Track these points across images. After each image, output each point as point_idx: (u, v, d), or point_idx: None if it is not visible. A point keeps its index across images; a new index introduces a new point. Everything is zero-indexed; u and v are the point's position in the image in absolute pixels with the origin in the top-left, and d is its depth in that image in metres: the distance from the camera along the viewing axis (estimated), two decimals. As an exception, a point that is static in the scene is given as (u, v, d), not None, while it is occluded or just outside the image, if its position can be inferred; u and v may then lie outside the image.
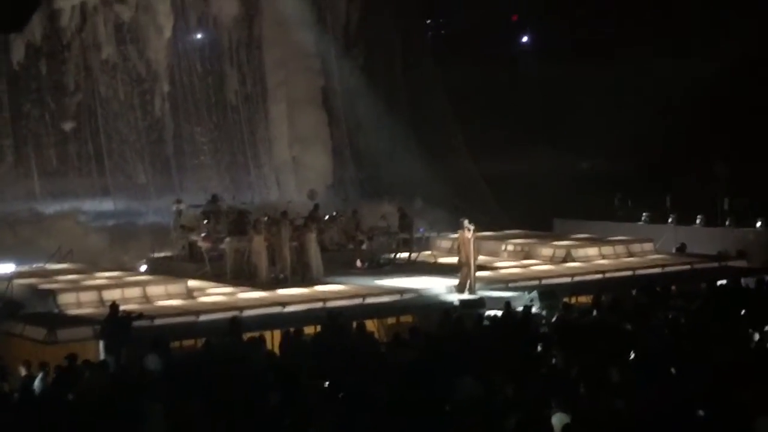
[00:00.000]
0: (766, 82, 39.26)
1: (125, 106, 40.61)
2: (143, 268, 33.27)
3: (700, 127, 40.03)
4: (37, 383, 18.98)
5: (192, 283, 28.64)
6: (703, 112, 40.12)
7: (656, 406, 14.91)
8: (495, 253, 34.33)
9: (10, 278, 28.16)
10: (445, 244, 34.88)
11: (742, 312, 23.00)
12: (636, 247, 34.45)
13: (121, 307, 23.38)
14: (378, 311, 26.09)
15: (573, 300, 26.63)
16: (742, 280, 28.45)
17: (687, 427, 13.68)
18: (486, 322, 23.48)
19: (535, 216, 40.80)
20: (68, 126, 39.63)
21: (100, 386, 18.10)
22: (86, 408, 16.44)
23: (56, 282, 28.81)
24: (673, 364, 17.78)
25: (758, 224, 36.12)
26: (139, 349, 20.93)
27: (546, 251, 33.81)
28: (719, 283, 28.34)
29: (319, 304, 26.17)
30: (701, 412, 14.64)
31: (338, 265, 31.76)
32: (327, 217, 34.08)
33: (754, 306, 23.54)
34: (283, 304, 26.28)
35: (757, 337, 20.40)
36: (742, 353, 18.97)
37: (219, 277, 30.22)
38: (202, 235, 31.68)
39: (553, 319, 23.65)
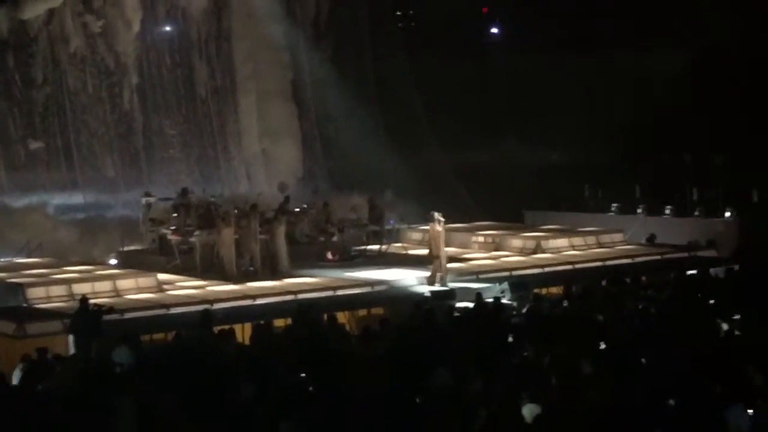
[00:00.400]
0: (735, 72, 39.43)
1: (94, 99, 40.35)
2: (113, 261, 33.17)
3: (669, 117, 40.15)
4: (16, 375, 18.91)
5: (162, 276, 28.57)
6: (673, 103, 40.24)
7: (627, 396, 14.96)
8: (465, 245, 34.39)
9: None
10: (415, 236, 34.89)
11: (712, 302, 23.14)
12: (606, 238, 34.57)
13: (91, 301, 23.28)
14: (349, 303, 26.09)
15: (544, 291, 26.69)
16: (712, 270, 28.60)
17: (658, 417, 13.72)
18: (457, 314, 23.51)
19: (506, 207, 40.87)
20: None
21: (70, 380, 18.04)
22: (57, 402, 16.35)
23: (25, 276, 28.64)
24: (643, 354, 17.85)
25: (727, 214, 36.31)
26: (109, 342, 20.85)
27: (516, 242, 33.89)
28: (689, 273, 28.52)
29: (290, 297, 26.14)
30: (672, 402, 14.70)
31: (309, 258, 31.74)
32: (297, 209, 34.05)
33: (723, 295, 23.69)
34: (254, 296, 26.23)
35: (725, 326, 20.53)
36: (712, 343, 19.08)
37: (189, 271, 30.17)
38: (172, 228, 31.59)
39: (524, 310, 23.70)
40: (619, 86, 42.16)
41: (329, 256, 32.30)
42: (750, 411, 14.50)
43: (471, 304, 24.24)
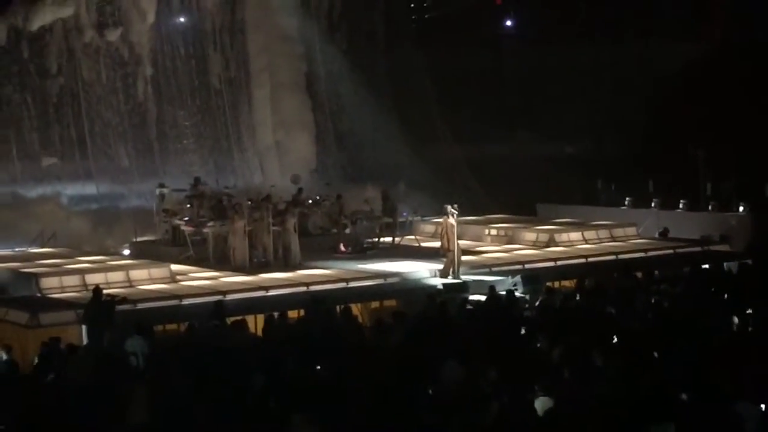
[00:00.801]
0: (749, 65, 39.30)
1: (108, 89, 40.46)
2: (126, 251, 33.25)
3: (684, 111, 40.06)
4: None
5: (175, 267, 28.62)
6: (688, 96, 40.15)
7: (639, 389, 14.96)
8: (478, 238, 34.38)
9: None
10: (428, 228, 34.91)
11: (725, 296, 23.11)
12: (619, 232, 34.51)
13: (105, 291, 23.35)
14: (361, 295, 26.11)
15: (556, 284, 26.66)
16: (725, 265, 28.55)
17: (669, 411, 13.71)
18: (470, 307, 23.50)
19: (519, 200, 40.86)
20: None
21: (83, 369, 18.10)
22: (70, 391, 16.40)
23: (39, 266, 28.74)
24: (655, 347, 17.85)
25: (741, 209, 36.23)
26: (122, 332, 20.91)
27: (529, 236, 33.87)
28: (702, 267, 28.47)
29: (303, 288, 26.19)
30: (684, 396, 14.70)
31: (322, 250, 31.77)
32: (310, 201, 34.07)
33: (735, 290, 23.65)
34: (267, 288, 26.28)
35: (737, 320, 20.51)
36: (724, 337, 19.06)
37: (202, 262, 30.22)
38: (185, 219, 31.65)
39: (537, 303, 23.70)
40: (634, 79, 42.06)
41: (342, 248, 32.33)
42: (762, 406, 14.51)
43: (483, 297, 24.23)
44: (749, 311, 20.97)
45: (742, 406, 14.05)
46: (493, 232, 34.88)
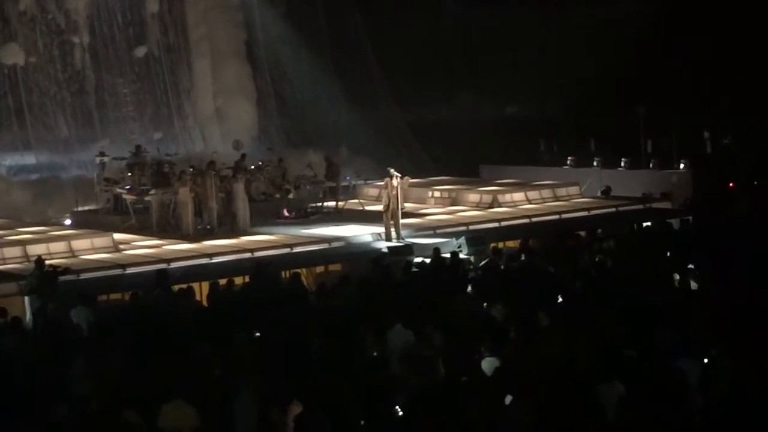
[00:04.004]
0: (691, 24, 39.44)
1: (45, 58, 39.92)
2: (68, 221, 32.95)
3: (624, 69, 40.20)
4: None
5: (118, 236, 28.41)
6: (627, 54, 40.29)
7: (585, 349, 15.07)
8: (422, 200, 34.43)
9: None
10: (372, 191, 34.89)
11: (666, 253, 23.32)
12: (562, 191, 34.72)
13: (47, 262, 23.14)
14: (306, 260, 26.08)
15: (501, 245, 26.76)
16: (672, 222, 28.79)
17: (614, 368, 13.83)
18: (415, 269, 23.55)
19: (462, 162, 40.92)
20: None
21: (27, 342, 17.99)
22: (14, 364, 16.28)
23: (-21, 238, 28.43)
24: (599, 306, 17.98)
25: (681, 166, 36.54)
26: (65, 303, 20.76)
27: (473, 197, 33.96)
28: (644, 224, 28.71)
29: (247, 255, 26.10)
30: (628, 353, 14.82)
31: (265, 215, 31.67)
32: (253, 167, 33.93)
33: (677, 246, 23.87)
34: (211, 255, 26.16)
35: (678, 277, 20.70)
36: (666, 293, 19.24)
37: (145, 230, 30.03)
38: (127, 187, 31.41)
39: (482, 265, 23.79)
40: (574, 39, 42.12)
41: (285, 213, 32.23)
42: (705, 361, 14.67)
43: (429, 260, 24.29)
44: (690, 267, 21.18)
45: (684, 362, 14.21)
46: (437, 194, 34.96)
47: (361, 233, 28.81)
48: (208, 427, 13.35)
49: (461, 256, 24.97)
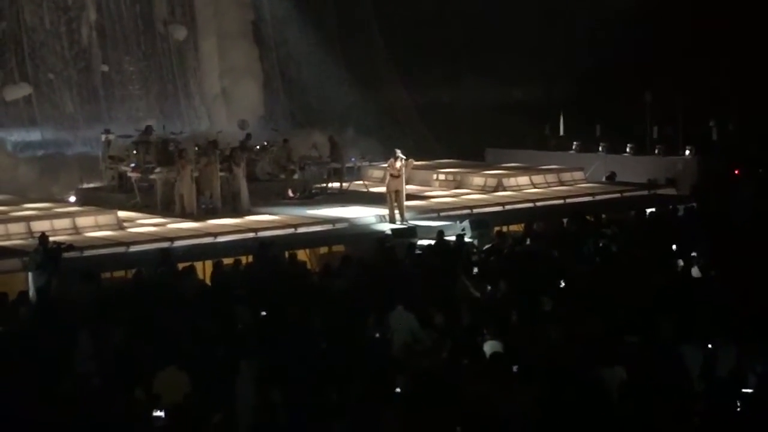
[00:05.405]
0: (699, 9, 39.33)
1: (51, 34, 39.86)
2: (72, 199, 32.96)
3: (631, 55, 40.13)
4: None
5: (122, 213, 28.41)
6: (634, 41, 40.20)
7: (588, 333, 15.08)
8: (426, 183, 34.40)
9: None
10: (376, 173, 34.86)
11: (670, 239, 23.31)
12: (567, 176, 34.69)
13: (51, 239, 23.14)
14: (310, 241, 26.10)
15: (505, 229, 26.77)
16: (677, 208, 28.78)
17: (616, 353, 13.84)
18: (418, 251, 23.55)
19: (467, 145, 40.86)
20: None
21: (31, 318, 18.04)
22: (17, 340, 16.31)
23: (-17, 213, 28.45)
24: (602, 291, 17.99)
25: (687, 152, 36.49)
26: (68, 280, 20.78)
27: (477, 180, 33.93)
28: (649, 210, 28.70)
29: (251, 235, 26.11)
30: (630, 339, 14.84)
31: (270, 195, 31.66)
32: (258, 147, 33.91)
33: (681, 233, 23.86)
34: (215, 234, 26.17)
35: (681, 263, 20.71)
36: (669, 279, 19.25)
37: (149, 208, 30.03)
38: (132, 165, 31.41)
39: (485, 248, 23.79)
40: (581, 24, 42.02)
41: (290, 193, 32.22)
42: (709, 345, 14.68)
43: (432, 242, 24.29)
44: (693, 254, 21.18)
45: (686, 349, 14.22)
46: (442, 177, 34.94)
47: (365, 215, 28.81)
48: (209, 405, 13.37)
49: (465, 239, 24.94)
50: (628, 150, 37.96)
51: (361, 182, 34.59)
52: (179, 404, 12.82)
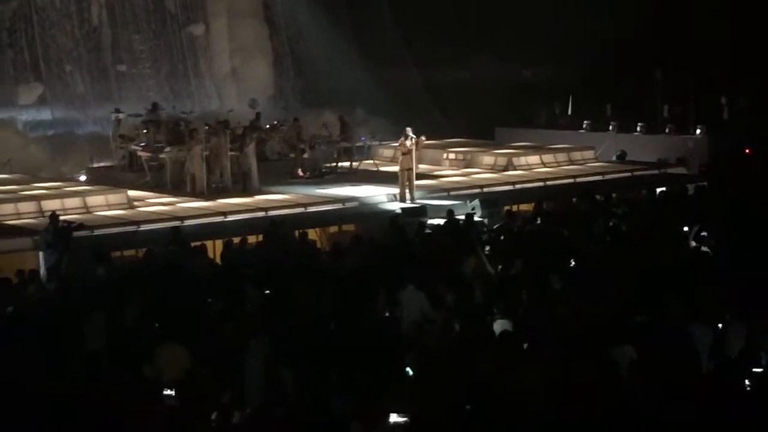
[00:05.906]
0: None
1: (62, 13, 39.86)
2: (83, 178, 33.02)
3: (641, 33, 39.99)
4: None
5: (132, 192, 28.45)
6: (645, 18, 40.08)
7: (595, 311, 15.08)
8: (437, 162, 34.37)
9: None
10: (386, 152, 34.82)
11: (681, 218, 23.26)
12: (577, 155, 34.66)
13: (61, 218, 23.20)
14: (320, 220, 26.12)
15: (515, 208, 26.76)
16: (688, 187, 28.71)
17: (625, 333, 13.83)
18: (428, 231, 23.55)
19: (477, 124, 40.80)
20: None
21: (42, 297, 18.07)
22: (29, 318, 16.34)
23: (-6, 192, 28.52)
24: (612, 270, 17.97)
25: (698, 131, 36.40)
26: (79, 259, 20.83)
27: (488, 159, 33.90)
28: (659, 190, 28.65)
29: (261, 214, 26.13)
30: (640, 318, 14.83)
31: (280, 174, 31.67)
32: (268, 126, 33.89)
33: (691, 212, 23.82)
34: (225, 213, 26.20)
35: (693, 243, 20.68)
36: (679, 259, 19.22)
37: (159, 187, 30.07)
38: (142, 144, 31.46)
39: (495, 227, 23.78)
40: (592, 2, 41.86)
41: (300, 172, 32.23)
42: (719, 325, 14.67)
43: (442, 221, 24.28)
44: (704, 234, 21.14)
45: (696, 328, 14.21)
46: (452, 156, 34.91)
47: (376, 194, 28.81)
48: (218, 384, 13.39)
49: (475, 218, 24.92)
50: (638, 129, 37.91)
51: (371, 161, 34.58)
52: (188, 382, 12.84)
